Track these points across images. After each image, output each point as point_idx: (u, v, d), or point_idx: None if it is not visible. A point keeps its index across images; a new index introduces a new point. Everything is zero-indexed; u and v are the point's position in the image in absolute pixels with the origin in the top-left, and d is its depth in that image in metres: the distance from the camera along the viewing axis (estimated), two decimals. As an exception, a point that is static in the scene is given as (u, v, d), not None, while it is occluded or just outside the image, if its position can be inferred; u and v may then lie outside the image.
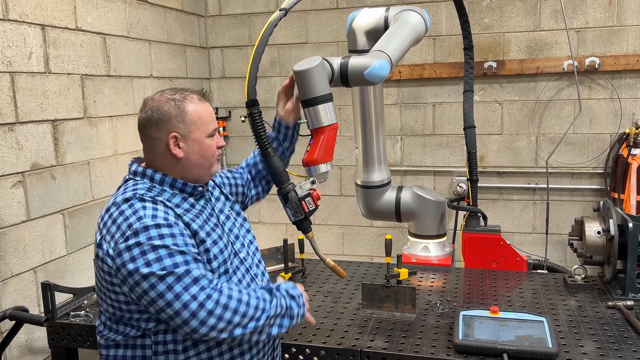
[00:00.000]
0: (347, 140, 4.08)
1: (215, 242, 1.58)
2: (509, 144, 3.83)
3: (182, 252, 1.43)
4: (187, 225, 1.52)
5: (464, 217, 2.95)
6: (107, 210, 1.51)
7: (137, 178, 1.60)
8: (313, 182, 1.86)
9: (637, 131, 3.45)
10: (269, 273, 2.70)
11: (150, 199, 1.49)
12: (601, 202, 2.45)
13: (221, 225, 1.67)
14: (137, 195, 1.49)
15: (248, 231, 1.82)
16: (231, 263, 1.62)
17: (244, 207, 2.01)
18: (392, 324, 2.10)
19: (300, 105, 1.92)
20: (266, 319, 1.52)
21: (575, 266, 2.45)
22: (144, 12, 3.39)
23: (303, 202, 1.83)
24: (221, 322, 1.43)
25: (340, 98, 3.99)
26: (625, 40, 3.53)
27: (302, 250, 2.63)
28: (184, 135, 1.56)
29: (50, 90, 2.64)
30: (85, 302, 2.35)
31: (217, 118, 4.21)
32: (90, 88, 2.92)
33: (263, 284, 1.74)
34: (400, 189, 2.91)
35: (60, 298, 2.44)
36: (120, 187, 1.62)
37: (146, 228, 1.42)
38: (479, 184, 3.01)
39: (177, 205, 1.55)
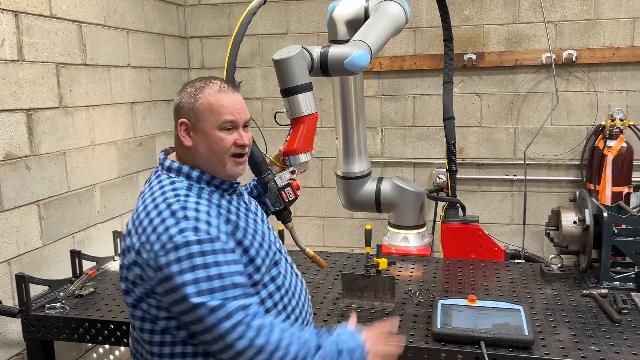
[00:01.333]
0: (328, 132, 4.07)
1: (254, 238, 1.52)
2: (487, 135, 3.87)
3: (220, 275, 1.33)
4: (230, 223, 1.46)
5: (443, 207, 2.97)
6: (147, 213, 1.41)
7: (171, 175, 1.51)
8: (293, 172, 1.86)
9: (612, 123, 3.51)
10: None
11: (193, 204, 1.40)
12: (577, 193, 2.49)
13: (256, 220, 1.62)
14: (181, 199, 1.41)
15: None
16: (274, 253, 1.59)
17: None
18: (372, 313, 2.11)
19: (280, 94, 1.91)
20: None
21: (552, 256, 2.49)
22: (121, 0, 3.33)
23: (283, 192, 1.82)
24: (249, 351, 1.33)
25: (320, 89, 3.97)
26: (602, 34, 3.58)
27: (282, 241, 2.62)
28: (193, 123, 1.49)
29: (24, 79, 2.58)
30: (62, 294, 2.32)
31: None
32: (65, 77, 2.86)
33: (299, 274, 1.73)
34: (380, 179, 2.92)
35: (36, 290, 2.40)
36: (152, 182, 1.53)
37: (187, 243, 1.33)
38: (458, 176, 3.03)
39: (219, 206, 1.49)
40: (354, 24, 2.48)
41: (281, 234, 2.54)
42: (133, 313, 1.47)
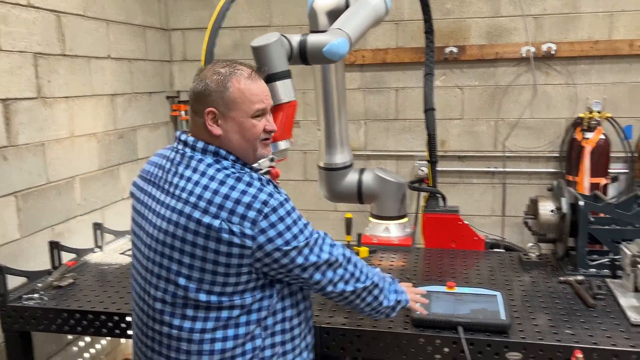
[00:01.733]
0: (311, 125, 4.08)
1: None
2: (469, 128, 3.90)
3: (306, 220, 1.53)
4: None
5: (424, 198, 2.99)
6: (215, 191, 1.43)
7: (208, 156, 1.51)
8: (272, 160, 1.86)
9: (590, 116, 3.56)
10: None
11: (256, 176, 1.50)
12: (555, 182, 2.53)
13: None
14: (247, 173, 1.49)
15: None
16: None
17: None
18: (352, 301, 2.12)
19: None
20: (379, 280, 1.68)
21: (530, 244, 2.52)
22: (101, -10, 3.30)
23: (262, 179, 1.82)
24: (347, 274, 1.58)
25: (304, 82, 3.97)
26: (581, 27, 3.63)
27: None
28: (223, 112, 1.49)
29: (0, 69, 2.55)
30: (40, 285, 2.30)
31: (179, 101, 4.16)
32: (44, 67, 2.83)
33: None
34: (362, 171, 2.93)
35: (14, 282, 2.38)
36: (191, 165, 1.51)
37: (282, 204, 1.45)
38: (440, 168, 3.06)
39: None
40: (335, 14, 2.47)
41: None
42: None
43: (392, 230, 2.91)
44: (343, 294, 1.59)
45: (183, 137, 1.56)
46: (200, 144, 1.52)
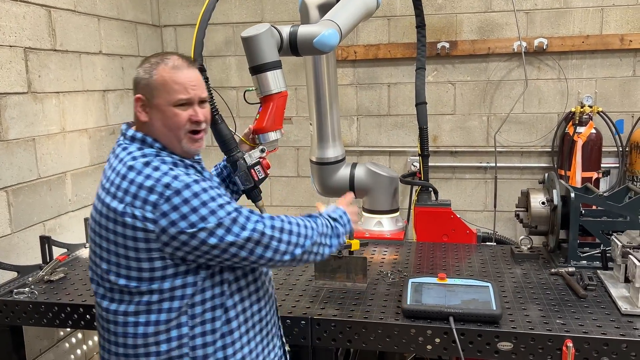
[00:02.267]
0: (304, 121, 4.07)
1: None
2: (461, 123, 3.91)
3: (228, 200, 1.47)
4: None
5: (416, 192, 2.99)
6: (123, 177, 1.45)
7: (134, 144, 1.53)
8: (262, 151, 1.85)
9: (582, 110, 3.58)
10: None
11: (170, 161, 1.48)
12: (546, 175, 2.53)
13: None
14: (158, 158, 1.47)
15: None
16: None
17: None
18: (344, 293, 2.12)
19: (249, 72, 1.90)
20: (318, 236, 1.60)
21: (522, 237, 2.53)
22: (92, -14, 3.29)
23: (252, 171, 1.82)
24: (282, 244, 1.51)
25: (296, 78, 3.98)
26: (572, 22, 3.64)
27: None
28: (148, 99, 1.51)
29: (-10, 63, 2.53)
30: (30, 279, 2.28)
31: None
32: (34, 62, 2.81)
33: None
34: (354, 165, 2.93)
35: (5, 277, 2.37)
36: (117, 152, 1.54)
37: (188, 185, 1.41)
38: (432, 163, 3.07)
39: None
40: (326, 8, 2.47)
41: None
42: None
43: (385, 224, 2.91)
44: (284, 263, 1.56)
45: (123, 127, 1.59)
46: (130, 132, 1.55)
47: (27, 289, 2.17)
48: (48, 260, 2.46)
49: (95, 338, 3.07)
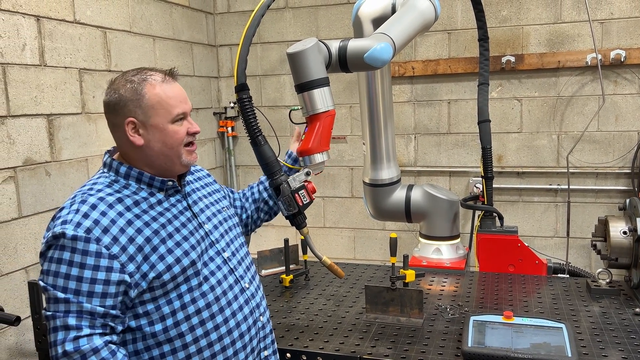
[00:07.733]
0: (358, 140, 3.93)
1: (172, 249, 1.41)
2: (528, 142, 3.64)
3: (79, 278, 1.29)
4: (138, 231, 1.38)
5: (479, 217, 2.77)
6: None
7: (104, 170, 1.49)
8: (308, 174, 1.72)
9: (667, 127, 3.24)
10: (271, 275, 2.58)
11: (96, 200, 1.37)
12: (627, 200, 2.26)
13: (195, 224, 1.52)
14: (85, 193, 1.40)
15: (239, 235, 1.70)
16: (204, 264, 1.48)
17: (245, 232, 1.91)
18: (397, 329, 1.94)
19: (295, 90, 1.78)
20: None
21: (599, 270, 2.26)
22: (147, 7, 3.31)
23: (297, 195, 1.69)
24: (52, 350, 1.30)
25: (351, 96, 3.86)
26: (654, 32, 3.32)
27: (305, 252, 2.50)
28: (143, 121, 1.41)
29: (45, 84, 2.56)
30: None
31: (226, 117, 4.12)
32: (89, 83, 2.83)
33: (251, 289, 1.59)
34: (410, 187, 2.75)
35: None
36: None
37: (63, 235, 1.31)
38: (497, 185, 2.84)
39: (137, 203, 1.42)
40: (381, 22, 2.33)
41: (304, 245, 2.41)
42: None
43: (444, 252, 2.70)
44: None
45: (105, 157, 1.51)
46: (106, 158, 1.48)
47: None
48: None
49: None
